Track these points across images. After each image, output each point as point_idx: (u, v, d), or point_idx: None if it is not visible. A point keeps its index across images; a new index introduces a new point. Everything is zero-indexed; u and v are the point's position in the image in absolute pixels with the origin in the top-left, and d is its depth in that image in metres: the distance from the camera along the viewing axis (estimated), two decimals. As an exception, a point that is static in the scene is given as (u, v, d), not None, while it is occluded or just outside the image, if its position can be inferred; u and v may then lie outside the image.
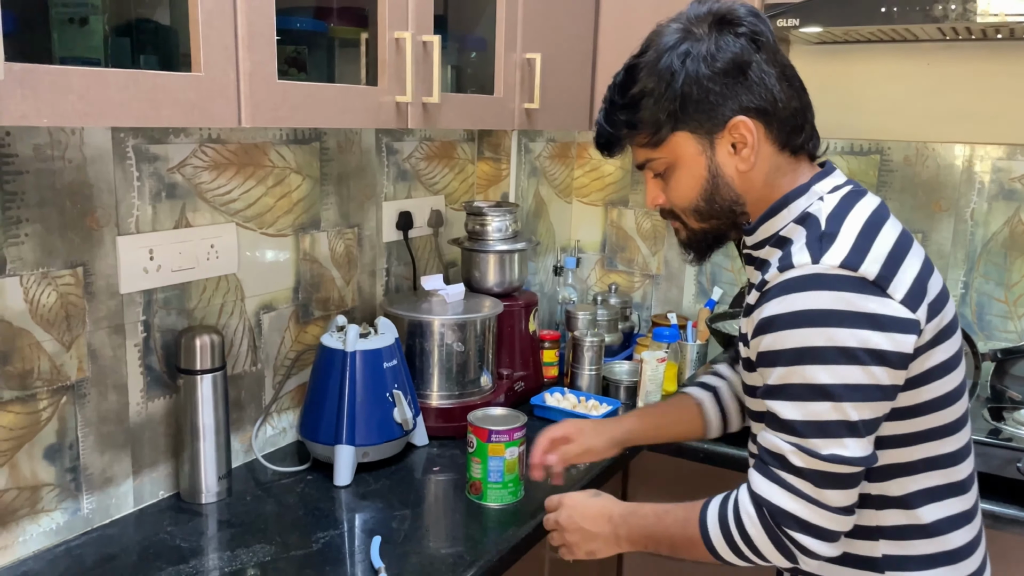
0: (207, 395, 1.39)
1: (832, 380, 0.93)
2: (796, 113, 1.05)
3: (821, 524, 0.97)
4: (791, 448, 0.96)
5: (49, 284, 1.22)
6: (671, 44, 1.03)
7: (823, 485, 0.95)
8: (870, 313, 0.93)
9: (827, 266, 0.95)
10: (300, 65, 1.31)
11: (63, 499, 1.28)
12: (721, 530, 1.03)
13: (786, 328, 0.95)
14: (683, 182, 1.08)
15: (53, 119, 0.89)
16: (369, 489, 1.49)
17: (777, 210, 1.05)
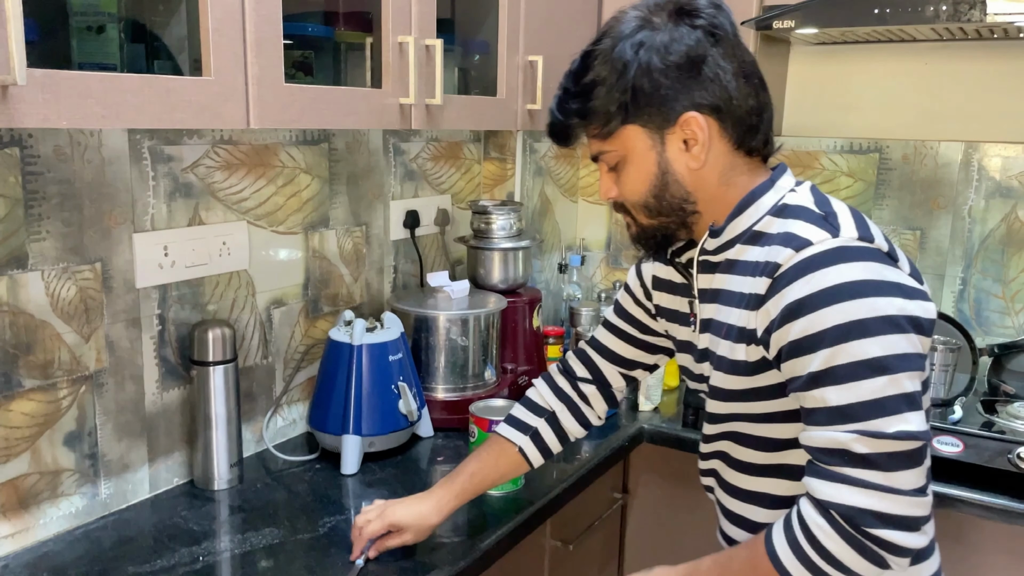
0: (219, 386, 1.45)
1: (884, 352, 0.86)
2: (752, 112, 1.00)
3: (902, 513, 0.87)
4: (852, 436, 0.87)
5: (69, 279, 1.28)
6: (627, 33, 0.99)
7: (894, 468, 0.87)
8: (898, 282, 0.90)
9: (848, 238, 0.91)
10: (307, 69, 1.36)
11: (82, 484, 1.34)
12: (796, 555, 0.91)
13: (823, 306, 0.88)
14: (633, 176, 1.04)
15: (73, 121, 0.94)
16: (375, 477, 1.55)
17: (744, 207, 1.01)
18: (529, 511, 1.43)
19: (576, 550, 1.66)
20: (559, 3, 1.87)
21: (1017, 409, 1.69)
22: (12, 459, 1.24)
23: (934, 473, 1.54)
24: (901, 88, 2.04)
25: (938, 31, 1.77)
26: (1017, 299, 1.98)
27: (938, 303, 2.07)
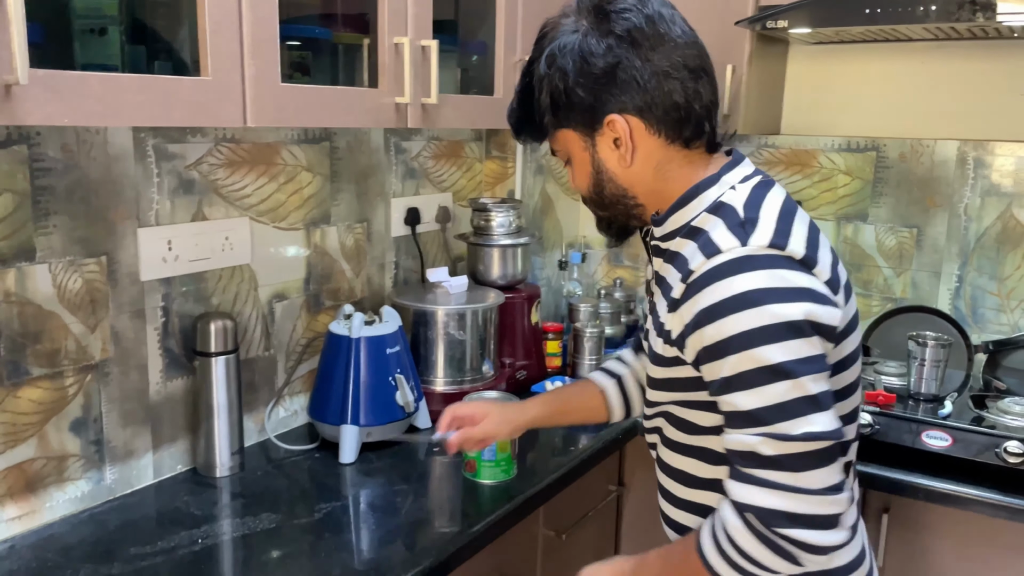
0: (221, 376, 1.50)
1: (786, 357, 0.90)
2: (678, 106, 1.01)
3: (812, 512, 0.91)
4: (759, 439, 0.92)
5: (75, 271, 1.33)
6: (548, 41, 1.04)
7: (801, 468, 0.91)
8: (804, 287, 0.92)
9: (756, 247, 0.94)
10: (305, 70, 1.41)
11: (88, 469, 1.39)
12: (719, 553, 0.97)
13: (728, 314, 0.92)
14: (577, 174, 1.11)
15: (74, 119, 0.99)
16: (372, 466, 1.59)
17: (687, 200, 1.04)
18: (520, 498, 1.47)
19: (569, 541, 1.70)
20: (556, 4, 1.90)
21: (1008, 404, 1.70)
22: (20, 444, 1.29)
23: (925, 466, 1.60)
24: (898, 87, 2.06)
25: (933, 31, 1.80)
26: (1013, 296, 1.99)
27: (934, 300, 2.08)
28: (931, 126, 2.03)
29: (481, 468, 1.53)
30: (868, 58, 2.09)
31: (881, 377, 1.88)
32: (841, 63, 2.12)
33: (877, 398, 1.72)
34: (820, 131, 2.17)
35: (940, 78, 2.01)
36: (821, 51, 2.14)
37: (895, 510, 1.63)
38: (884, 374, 1.90)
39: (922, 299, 2.09)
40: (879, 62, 2.08)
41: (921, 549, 1.62)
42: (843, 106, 2.13)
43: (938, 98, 2.02)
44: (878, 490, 1.63)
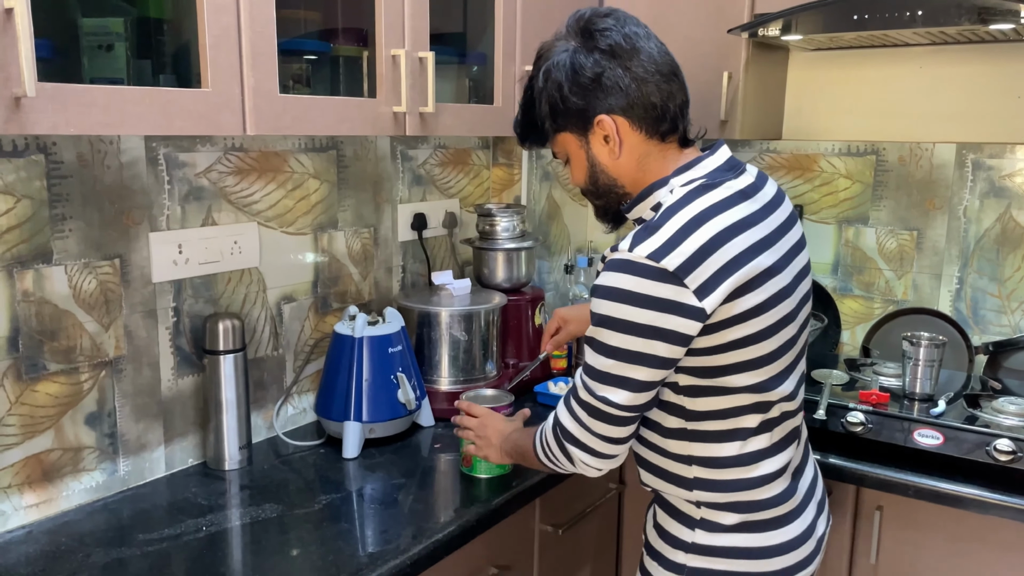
0: (229, 373, 1.58)
1: (618, 345, 1.14)
2: (655, 106, 1.20)
3: (589, 444, 1.23)
4: (581, 384, 1.21)
5: (90, 273, 1.41)
6: (544, 60, 1.24)
7: (593, 416, 1.20)
8: (661, 298, 1.11)
9: (637, 255, 1.12)
10: (305, 81, 1.48)
11: (102, 461, 1.47)
12: (540, 439, 1.33)
13: (600, 297, 1.15)
14: (575, 170, 1.31)
15: (80, 128, 1.07)
16: (374, 461, 1.65)
17: (643, 197, 1.25)
18: (513, 491, 1.52)
19: (567, 536, 1.74)
20: (555, 13, 1.96)
21: (1002, 404, 1.72)
22: (37, 435, 1.38)
23: (917, 465, 1.63)
24: (896, 91, 2.09)
25: (926, 35, 1.82)
26: (1013, 297, 2.00)
27: (935, 302, 2.10)
28: (930, 129, 2.05)
29: (477, 463, 1.58)
30: (867, 63, 2.11)
31: (879, 378, 1.90)
32: (840, 68, 2.15)
33: (871, 397, 1.75)
34: (821, 136, 2.19)
35: (938, 82, 2.03)
36: (820, 57, 2.17)
37: (888, 508, 1.65)
38: (882, 375, 1.92)
39: (923, 301, 2.10)
40: (877, 67, 2.10)
41: (914, 546, 1.64)
42: (843, 110, 2.16)
43: (936, 101, 2.04)
44: (871, 488, 1.65)
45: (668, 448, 1.26)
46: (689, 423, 1.23)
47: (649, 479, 1.33)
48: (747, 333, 1.16)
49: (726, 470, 1.23)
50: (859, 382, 1.92)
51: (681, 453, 1.25)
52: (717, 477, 1.24)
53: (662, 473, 1.29)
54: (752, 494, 1.24)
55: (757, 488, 1.24)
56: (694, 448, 1.24)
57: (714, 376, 1.18)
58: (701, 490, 1.25)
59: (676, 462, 1.26)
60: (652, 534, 1.34)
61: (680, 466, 1.26)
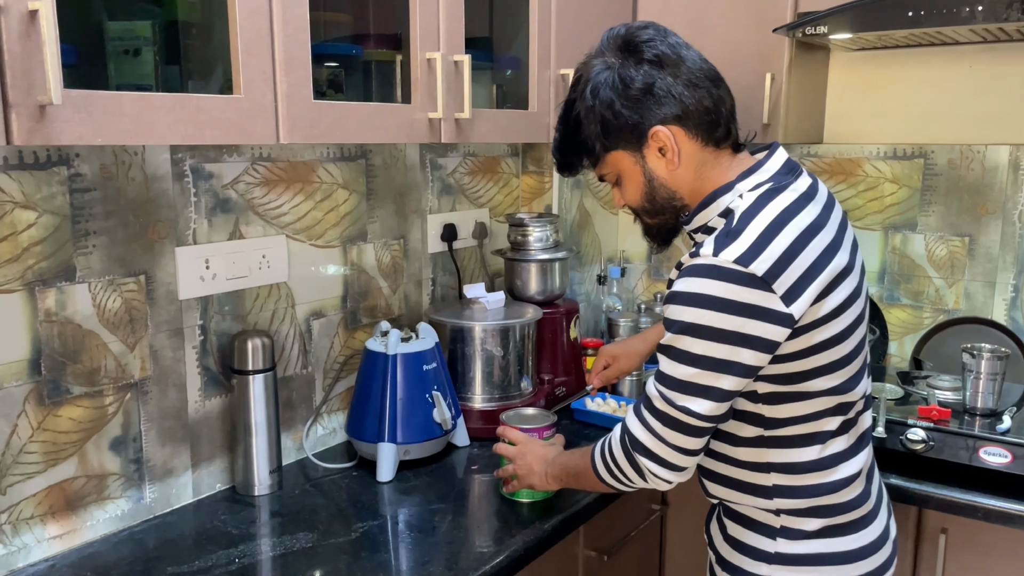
0: (259, 394, 1.50)
1: (702, 353, 1.10)
2: (709, 111, 1.18)
3: (663, 456, 1.17)
4: (657, 394, 1.15)
5: (114, 290, 1.34)
6: (589, 78, 1.20)
7: (670, 427, 1.15)
8: (749, 304, 1.07)
9: (724, 260, 1.08)
10: (337, 87, 1.41)
11: (127, 488, 1.40)
12: (601, 456, 1.27)
13: (682, 304, 1.11)
14: (629, 188, 1.26)
15: (107, 138, 1.00)
16: (409, 485, 1.57)
17: (706, 204, 1.20)
18: (559, 517, 1.44)
19: (612, 562, 1.66)
20: (589, 17, 1.89)
21: (1070, 419, 1.63)
22: (60, 463, 1.31)
23: (984, 484, 1.56)
24: (945, 92, 2.00)
25: (981, 33, 1.74)
26: (1073, 306, 1.91)
27: (989, 311, 2.01)
28: (981, 131, 1.97)
29: (519, 486, 1.50)
30: (912, 63, 2.03)
31: (935, 392, 1.81)
32: (884, 69, 2.06)
33: (931, 413, 1.66)
34: (864, 139, 2.11)
35: (989, 81, 1.95)
36: (863, 57, 2.09)
37: (953, 531, 1.56)
38: (938, 388, 1.83)
39: (976, 310, 2.01)
40: (924, 67, 2.02)
41: (980, 571, 1.55)
42: (888, 113, 2.08)
43: (988, 102, 1.95)
44: (935, 510, 1.56)
45: (742, 457, 1.22)
46: (767, 431, 1.19)
47: (718, 490, 1.27)
48: (829, 335, 1.13)
49: (807, 475, 1.19)
50: (913, 396, 1.83)
51: (758, 461, 1.21)
52: (798, 483, 1.19)
53: (735, 483, 1.24)
54: (833, 497, 1.20)
55: (838, 491, 1.20)
56: (772, 455, 1.20)
57: (796, 382, 1.15)
58: (781, 497, 1.20)
59: (752, 471, 1.22)
60: (725, 548, 1.28)
61: (756, 475, 1.21)
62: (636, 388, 2.02)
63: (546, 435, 1.50)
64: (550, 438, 1.51)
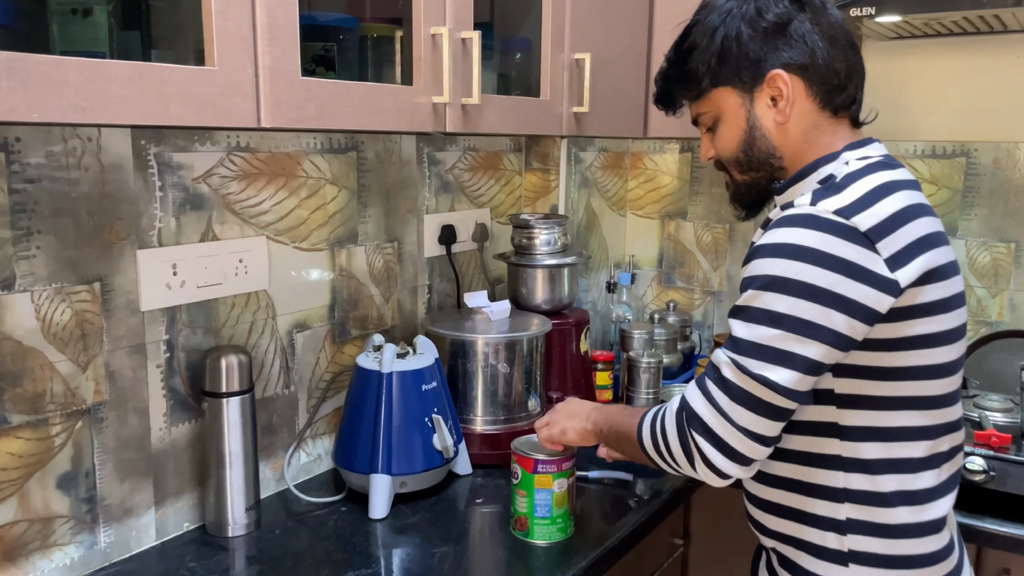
0: (234, 419, 1.30)
1: (787, 311, 0.94)
2: (838, 72, 1.06)
3: (723, 437, 0.99)
4: (727, 360, 0.99)
5: (63, 300, 1.14)
6: (719, 2, 1.09)
7: (739, 402, 0.97)
8: (849, 261, 0.94)
9: (822, 210, 0.96)
10: (328, 63, 1.22)
11: (78, 532, 1.19)
12: (651, 427, 1.09)
13: (766, 257, 0.97)
14: (725, 134, 1.13)
15: (46, 114, 0.80)
16: (407, 523, 1.38)
17: (806, 174, 1.08)
18: (581, 563, 1.25)
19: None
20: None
21: None
22: (-4, 505, 1.10)
23: None
24: (989, 85, 1.84)
25: (1034, 19, 1.58)
26: None
27: (1036, 324, 1.85)
28: (1029, 127, 1.81)
29: (533, 526, 1.31)
30: (953, 54, 1.87)
31: (987, 414, 1.63)
32: (921, 60, 1.90)
33: (989, 439, 1.49)
34: (900, 136, 1.95)
35: (1040, 73, 1.79)
36: (899, 48, 1.93)
37: (1017, 571, 1.39)
38: (989, 410, 1.65)
39: (1022, 323, 1.85)
40: (966, 58, 1.86)
41: (1049, 618, 1.38)
42: (926, 108, 1.91)
43: (1038, 96, 1.80)
44: (996, 548, 1.39)
45: (812, 479, 1.05)
46: (843, 441, 1.02)
47: (777, 524, 1.10)
48: (928, 332, 0.98)
49: (889, 510, 1.02)
50: (962, 418, 1.66)
51: (831, 486, 1.04)
52: (878, 519, 1.02)
53: (798, 515, 1.07)
54: (918, 545, 1.04)
55: (924, 537, 1.04)
56: (850, 480, 1.03)
57: (880, 378, 0.99)
58: (856, 534, 1.03)
59: (822, 499, 1.04)
60: None
61: (827, 504, 1.04)
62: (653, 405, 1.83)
63: (566, 467, 1.31)
64: (569, 471, 1.32)
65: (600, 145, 2.16)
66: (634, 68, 1.83)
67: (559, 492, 1.31)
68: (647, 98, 1.88)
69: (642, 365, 1.82)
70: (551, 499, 1.30)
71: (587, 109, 1.62)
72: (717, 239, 2.18)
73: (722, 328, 2.19)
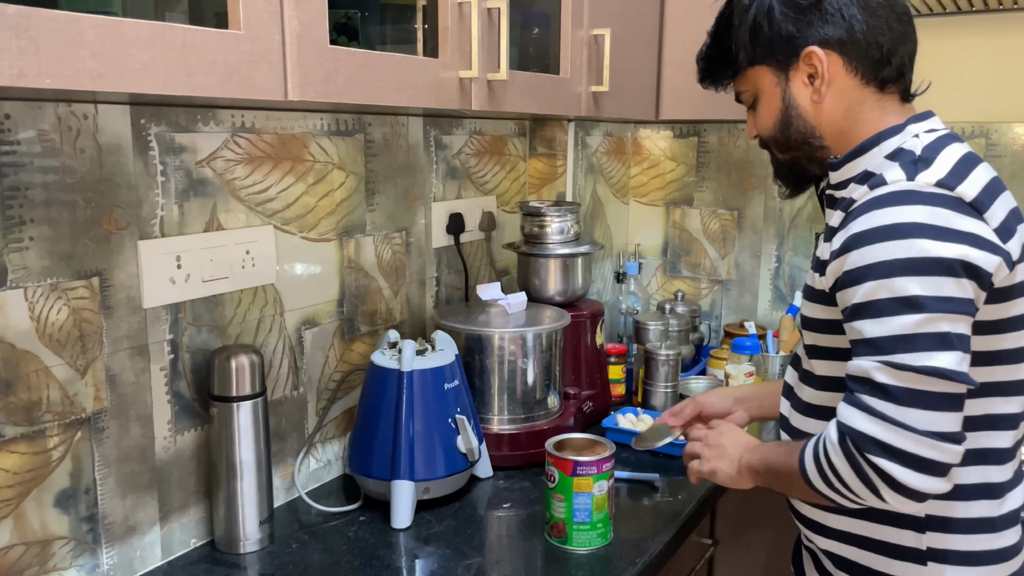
0: (246, 426, 1.19)
1: (924, 292, 0.86)
2: (880, 46, 1.01)
3: (907, 449, 0.86)
4: (875, 365, 0.88)
5: (59, 298, 1.02)
6: None
7: (908, 403, 0.86)
8: (962, 230, 0.88)
9: (922, 183, 0.91)
10: (351, 32, 1.11)
11: (79, 554, 1.07)
12: (815, 461, 0.95)
13: (875, 242, 0.89)
14: (764, 113, 1.10)
15: (59, 80, 0.69)
16: (432, 532, 1.28)
17: (868, 147, 1.01)
18: (630, 573, 1.17)
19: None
20: (625, -30, 1.62)
21: None
22: (-12, 529, 0.98)
23: None
24: (1011, 64, 1.79)
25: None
26: None
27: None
28: (1052, 108, 1.77)
29: (572, 533, 1.22)
30: (973, 32, 1.82)
31: None
32: (938, 39, 1.85)
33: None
34: (914, 118, 1.89)
35: (1062, 52, 1.75)
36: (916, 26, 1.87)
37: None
38: None
39: None
40: (986, 36, 1.81)
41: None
42: (943, 88, 1.84)
43: (1059, 75, 1.76)
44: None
45: None
46: None
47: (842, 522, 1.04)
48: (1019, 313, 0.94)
49: (970, 504, 0.96)
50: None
51: None
52: (956, 514, 0.96)
53: (870, 513, 1.00)
54: (994, 540, 0.99)
55: (1001, 531, 0.99)
56: None
57: (977, 363, 0.92)
58: (935, 531, 0.96)
59: None
60: None
61: None
62: (671, 401, 1.76)
63: (606, 468, 1.23)
64: (609, 473, 1.23)
65: (606, 129, 2.07)
66: (646, 47, 1.74)
67: (599, 495, 1.22)
68: (660, 78, 1.81)
69: (660, 358, 1.74)
70: (591, 503, 1.22)
71: (606, 88, 1.53)
72: (725, 226, 2.12)
73: (731, 318, 2.13)
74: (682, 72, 1.77)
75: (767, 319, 2.07)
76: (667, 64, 1.80)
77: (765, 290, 2.08)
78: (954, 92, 1.85)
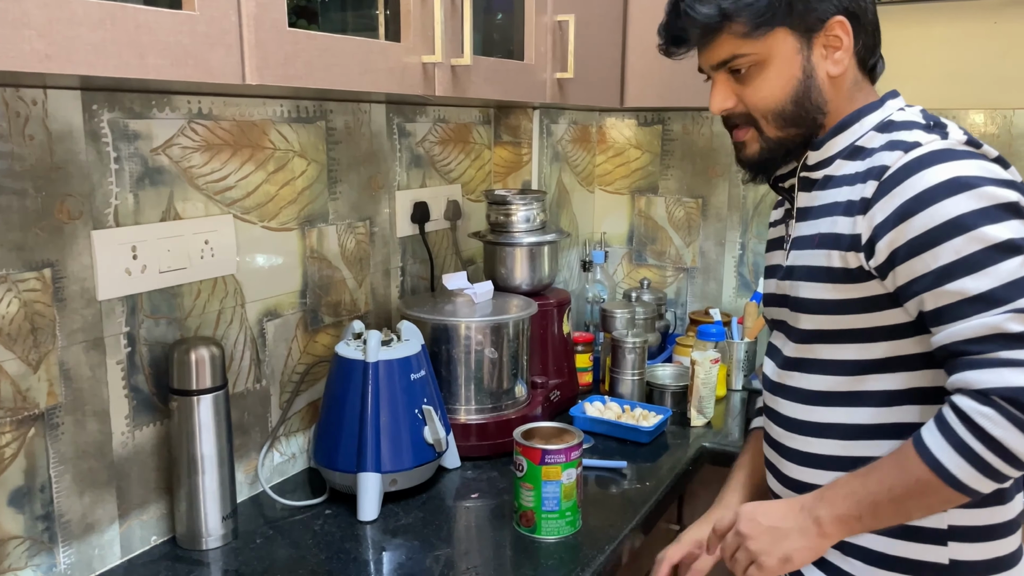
0: (207, 420, 1.16)
1: (1013, 234, 0.85)
2: (877, 27, 1.05)
3: None
4: (1005, 316, 0.83)
5: (9, 290, 0.98)
6: None
7: None
8: (1010, 179, 0.90)
9: (956, 142, 0.92)
10: (311, 16, 1.09)
11: (34, 554, 1.04)
12: (959, 452, 0.84)
13: (942, 199, 0.86)
14: (772, 82, 1.02)
15: (3, 61, 0.66)
16: (399, 524, 1.27)
17: (849, 124, 1.02)
18: (598, 559, 1.17)
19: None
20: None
21: None
22: (-63, 530, 0.94)
23: None
24: (966, 52, 1.82)
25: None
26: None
27: None
28: (1008, 93, 1.79)
29: (541, 521, 1.22)
30: (929, 20, 1.84)
31: None
32: (899, 26, 1.86)
33: None
34: (875, 105, 1.91)
35: (1017, 38, 1.77)
36: (874, 14, 1.89)
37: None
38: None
39: None
40: (942, 24, 1.83)
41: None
42: (902, 76, 1.86)
43: (1016, 61, 1.78)
44: None
45: None
46: None
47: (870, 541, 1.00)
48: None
49: (984, 510, 0.95)
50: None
51: None
52: (976, 522, 0.94)
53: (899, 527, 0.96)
54: (1004, 545, 0.97)
55: (1008, 537, 0.98)
56: None
57: None
58: (960, 541, 0.94)
59: None
60: None
61: None
62: (638, 389, 1.76)
63: (574, 456, 1.22)
64: (577, 461, 1.23)
65: (571, 117, 2.06)
66: (611, 34, 1.74)
67: (568, 483, 1.22)
68: (624, 65, 1.80)
69: (627, 346, 1.74)
70: (560, 491, 1.21)
71: (571, 75, 1.52)
72: (690, 214, 2.12)
73: (696, 305, 2.14)
74: (646, 59, 1.77)
75: (732, 306, 2.08)
76: (631, 51, 1.79)
77: (730, 277, 2.09)
78: (912, 79, 1.86)
